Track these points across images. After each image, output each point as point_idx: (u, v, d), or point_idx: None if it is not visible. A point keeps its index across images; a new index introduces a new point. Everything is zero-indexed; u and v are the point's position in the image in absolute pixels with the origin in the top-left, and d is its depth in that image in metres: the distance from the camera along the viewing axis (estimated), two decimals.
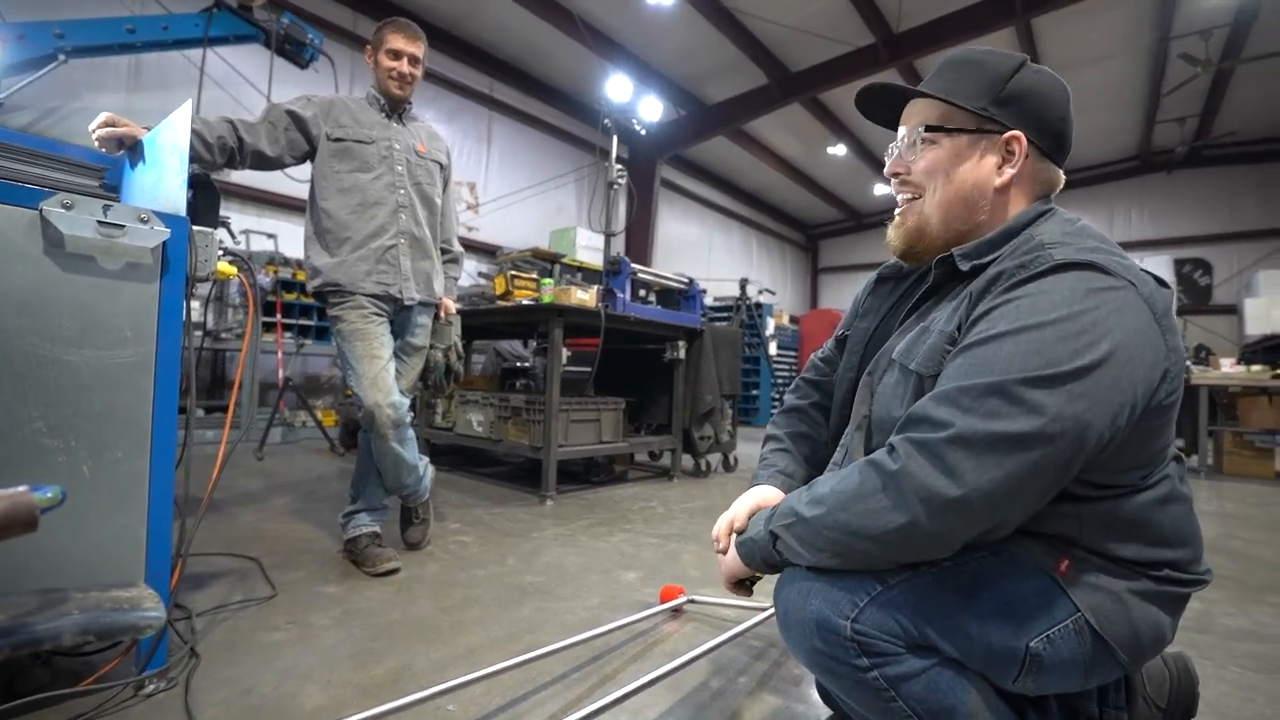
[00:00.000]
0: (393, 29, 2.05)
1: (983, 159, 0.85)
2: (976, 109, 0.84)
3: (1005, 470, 0.65)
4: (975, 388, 0.68)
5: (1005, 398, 0.67)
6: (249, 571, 1.88)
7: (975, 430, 0.66)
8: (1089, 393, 0.66)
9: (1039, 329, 0.68)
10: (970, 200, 0.85)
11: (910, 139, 0.88)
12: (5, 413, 1.03)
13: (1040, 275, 0.72)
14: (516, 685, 1.28)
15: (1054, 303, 0.69)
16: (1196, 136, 8.91)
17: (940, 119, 0.86)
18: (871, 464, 0.72)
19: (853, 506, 0.72)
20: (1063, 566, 0.75)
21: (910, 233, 0.90)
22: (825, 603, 0.76)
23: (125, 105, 1.53)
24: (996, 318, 0.72)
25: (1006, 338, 0.70)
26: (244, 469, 3.61)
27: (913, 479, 0.67)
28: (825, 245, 14.25)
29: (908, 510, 0.68)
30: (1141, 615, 0.75)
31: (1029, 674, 0.74)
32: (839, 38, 6.68)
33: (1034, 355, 0.67)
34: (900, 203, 0.92)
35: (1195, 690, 1.00)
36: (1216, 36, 6.51)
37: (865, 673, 0.74)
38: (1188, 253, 9.91)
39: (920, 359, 0.80)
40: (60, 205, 1.07)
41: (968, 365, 0.71)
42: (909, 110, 0.91)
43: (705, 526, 2.74)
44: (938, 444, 0.67)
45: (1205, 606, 1.91)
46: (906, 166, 0.89)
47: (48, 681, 1.17)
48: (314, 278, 1.99)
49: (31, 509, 0.34)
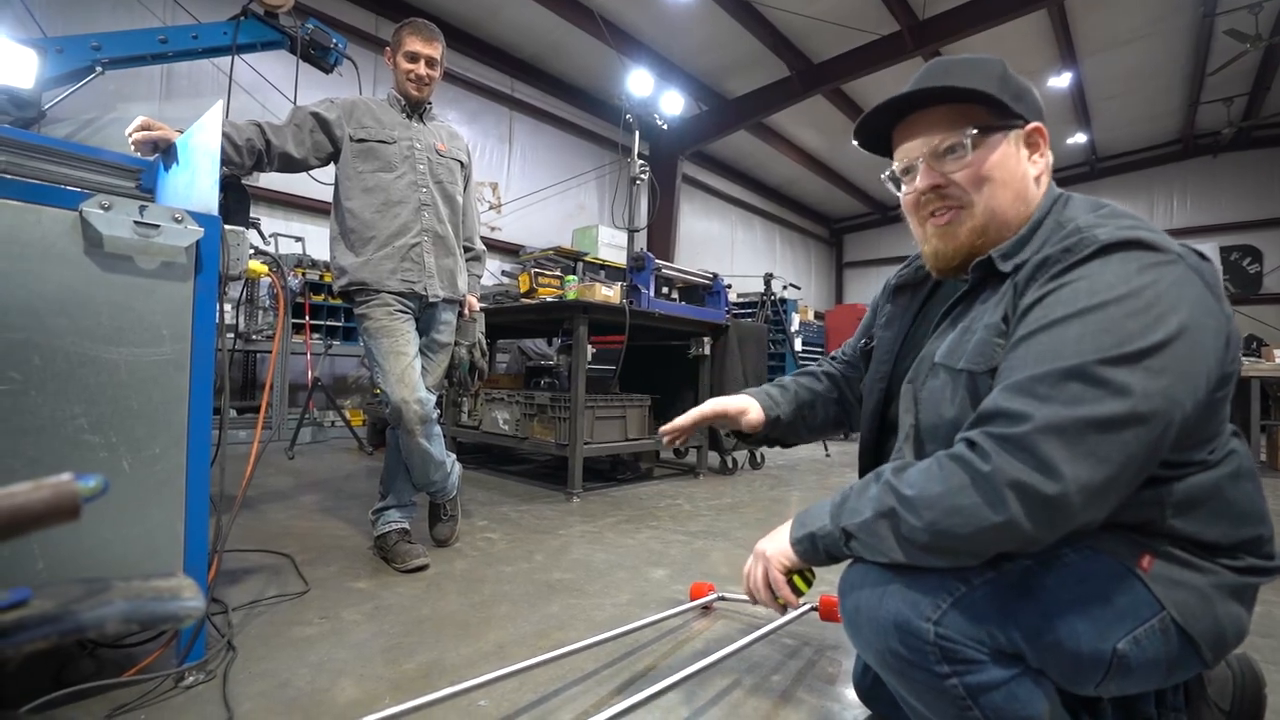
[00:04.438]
0: (410, 31, 2.06)
1: (1018, 151, 0.83)
2: (1008, 103, 0.81)
3: (1100, 458, 0.62)
4: (1050, 374, 0.65)
5: (1086, 381, 0.63)
6: (282, 567, 1.92)
7: (1061, 418, 0.63)
8: (1169, 368, 0.64)
9: (1103, 308, 0.66)
10: (1023, 194, 0.83)
11: (948, 144, 0.81)
12: (49, 410, 1.06)
13: (1089, 258, 0.69)
14: (548, 681, 1.27)
15: (1111, 282, 0.67)
16: (1245, 117, 8.54)
17: (977, 120, 0.81)
18: (956, 460, 0.67)
19: (940, 504, 0.67)
20: (1145, 562, 0.71)
21: (965, 245, 0.83)
22: (904, 603, 0.71)
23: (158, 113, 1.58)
24: (1052, 303, 0.69)
25: (1071, 320, 0.67)
26: (275, 467, 3.69)
27: (1005, 475, 0.63)
28: (850, 239, 14.03)
29: (1005, 509, 0.63)
30: (1225, 610, 0.72)
31: (1114, 677, 0.70)
32: (862, 26, 6.55)
33: (1104, 335, 0.64)
34: (935, 215, 0.85)
35: (1262, 693, 0.95)
36: (1268, 10, 6.19)
37: (944, 679, 0.70)
38: (1235, 239, 9.49)
39: (968, 356, 0.77)
40: (99, 206, 1.10)
41: (1033, 353, 0.68)
42: (921, 122, 0.85)
43: (733, 524, 2.71)
44: (1024, 437, 0.63)
45: (1267, 609, 1.81)
46: (945, 176, 0.82)
47: (93, 672, 1.20)
48: (340, 277, 2.02)
49: (75, 497, 0.33)
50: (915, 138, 0.85)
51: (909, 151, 0.86)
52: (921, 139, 0.84)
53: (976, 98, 0.81)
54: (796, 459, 5.00)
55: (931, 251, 0.88)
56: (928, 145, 0.83)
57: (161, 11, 4.71)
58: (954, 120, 0.82)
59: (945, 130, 0.82)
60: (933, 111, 0.84)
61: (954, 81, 0.81)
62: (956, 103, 0.82)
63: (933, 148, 0.83)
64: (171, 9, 4.62)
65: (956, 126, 0.81)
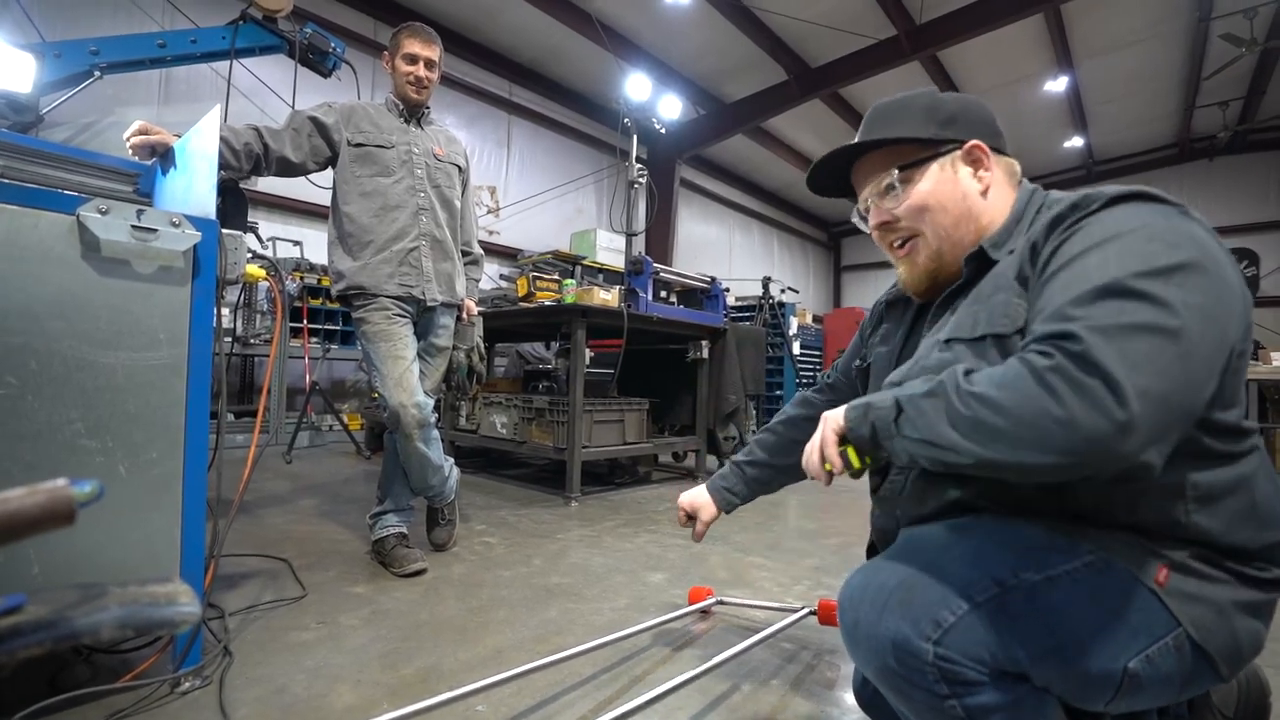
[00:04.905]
0: (408, 34, 2.06)
1: (957, 173, 0.87)
2: (930, 136, 0.87)
3: (1158, 369, 0.58)
4: (1082, 296, 0.63)
5: (1121, 294, 0.61)
6: (279, 572, 1.91)
7: (1108, 324, 0.60)
8: (1206, 288, 0.63)
9: (1120, 238, 0.67)
10: (968, 212, 0.87)
11: (884, 184, 0.89)
12: (46, 414, 1.06)
13: (1101, 208, 0.72)
14: (546, 686, 1.27)
15: (1124, 218, 0.69)
16: (1240, 121, 8.57)
17: (906, 157, 0.88)
18: (1016, 361, 0.64)
19: (998, 386, 0.62)
20: (1161, 576, 0.68)
21: (926, 270, 0.90)
22: (904, 620, 0.69)
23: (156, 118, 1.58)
24: (1070, 246, 0.70)
25: (1090, 252, 0.67)
26: (273, 472, 3.68)
27: (1066, 373, 0.59)
28: (848, 243, 14.05)
29: (1063, 404, 0.58)
30: (1242, 624, 0.69)
31: (1124, 695, 0.68)
32: (860, 31, 6.58)
33: (1129, 256, 0.64)
34: (897, 248, 0.92)
35: (1266, 700, 0.95)
36: (1262, 14, 6.22)
37: (943, 700, 0.68)
38: (1232, 243, 9.43)
39: (988, 320, 0.76)
40: (96, 210, 1.10)
41: (1059, 287, 0.67)
42: (863, 168, 0.93)
43: (731, 528, 2.71)
44: (1080, 351, 0.59)
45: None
46: (891, 214, 0.89)
47: (88, 678, 1.19)
48: (338, 281, 2.02)
49: (70, 503, 0.33)
50: (863, 183, 0.94)
51: (861, 196, 0.95)
52: (867, 184, 0.93)
53: (899, 142, 0.88)
54: None
55: (903, 277, 0.94)
56: (870, 188, 0.92)
57: (160, 16, 4.72)
58: (886, 162, 0.90)
59: (879, 173, 0.90)
60: (869, 157, 0.92)
61: (875, 134, 0.90)
62: (891, 145, 0.89)
63: (873, 189, 0.91)
64: (170, 13, 4.62)
65: (889, 167, 0.89)
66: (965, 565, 0.70)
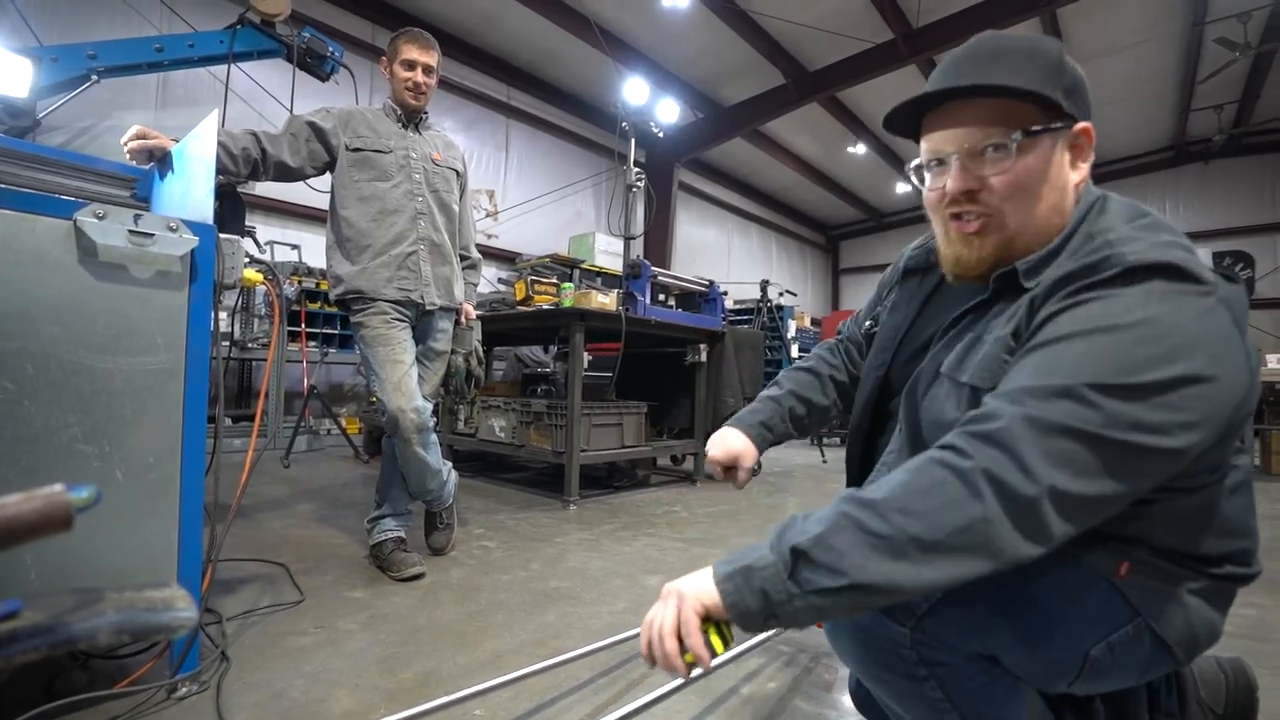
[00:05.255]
0: (406, 40, 2.07)
1: (1062, 157, 0.74)
2: (1058, 102, 0.71)
3: (1078, 469, 0.57)
4: (1041, 389, 0.59)
5: (1075, 400, 0.58)
6: (277, 577, 1.90)
7: (1038, 415, 0.58)
8: (1179, 408, 0.58)
9: (1111, 332, 0.60)
10: (1060, 206, 0.74)
11: (991, 144, 0.71)
12: (43, 419, 1.06)
13: (1110, 280, 0.63)
14: (544, 690, 1.26)
15: (1128, 305, 0.61)
16: (1235, 124, 8.62)
17: (1023, 120, 0.71)
18: (931, 460, 0.61)
19: (915, 500, 0.58)
20: (1122, 570, 0.71)
21: (988, 257, 0.75)
22: (881, 610, 0.72)
23: (154, 122, 1.58)
24: (1064, 321, 0.63)
25: (1076, 338, 0.61)
26: (271, 476, 3.67)
27: (982, 468, 0.57)
28: (846, 246, 14.09)
29: (982, 501, 0.56)
30: (1199, 615, 0.72)
31: (1085, 678, 0.71)
32: (857, 35, 6.61)
33: (1106, 358, 0.59)
34: (961, 220, 0.75)
35: (1254, 697, 0.96)
36: (1256, 18, 6.27)
37: (922, 683, 0.71)
38: (1227, 245, 9.55)
39: (973, 371, 0.72)
40: (93, 215, 1.10)
41: (1030, 368, 0.63)
42: (960, 113, 0.73)
43: (730, 531, 2.71)
44: (999, 432, 0.58)
45: (1261, 614, 1.82)
46: (980, 180, 0.72)
47: (85, 684, 1.19)
48: (336, 286, 2.02)
49: (67, 508, 0.33)
50: (950, 128, 0.74)
51: (941, 142, 0.75)
52: (959, 130, 0.73)
53: (1029, 97, 0.71)
54: (792, 465, 5.00)
55: (953, 256, 0.79)
56: (966, 140, 0.73)
57: (158, 20, 4.72)
58: (998, 116, 0.71)
59: (987, 126, 0.71)
60: (973, 103, 0.73)
61: (1004, 79, 0.71)
62: (1004, 96, 0.72)
63: (972, 144, 0.72)
64: (168, 17, 4.63)
65: (1000, 124, 0.71)
66: None
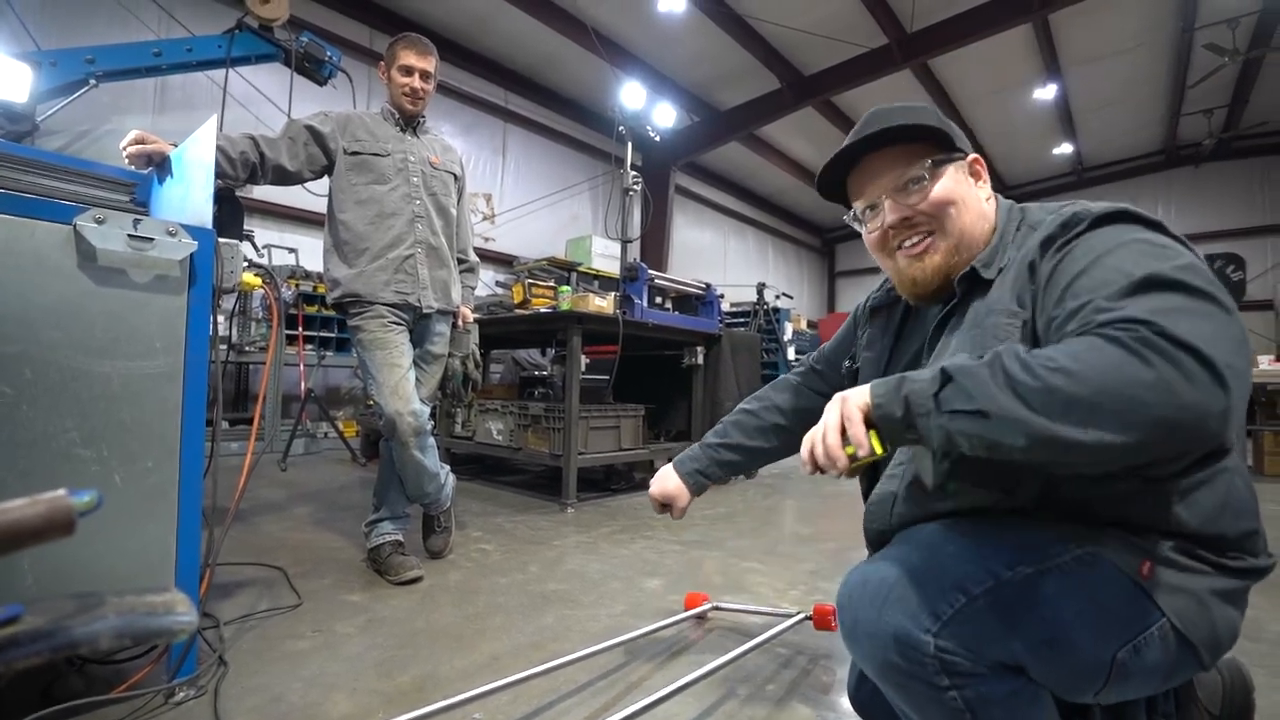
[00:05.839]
0: (404, 45, 2.08)
1: (967, 179, 0.89)
2: (951, 136, 0.87)
3: (1234, 344, 0.57)
4: (1120, 289, 0.62)
5: (1161, 286, 0.61)
6: (275, 580, 1.90)
7: (1166, 307, 0.58)
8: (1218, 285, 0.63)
9: (1124, 246, 0.68)
10: (982, 213, 0.88)
11: (909, 177, 0.86)
12: (41, 423, 1.06)
13: (1092, 226, 0.73)
14: (542, 693, 1.27)
15: (1120, 234, 0.71)
16: (1225, 128, 8.70)
17: (928, 155, 0.87)
18: (1091, 335, 0.61)
19: (1077, 358, 0.58)
20: (1145, 569, 0.70)
21: (938, 269, 0.87)
22: (904, 615, 0.70)
23: (152, 126, 1.58)
24: (1077, 258, 0.71)
25: (1105, 258, 0.68)
26: (268, 479, 3.66)
27: (1152, 343, 0.56)
28: (842, 249, 14.13)
29: (1152, 366, 0.55)
30: (1220, 613, 0.72)
31: (1112, 684, 0.70)
32: (852, 40, 6.65)
33: (1143, 258, 0.65)
34: (910, 247, 0.88)
35: (1250, 698, 0.97)
36: (1244, 25, 6.35)
37: (944, 692, 0.69)
38: (1218, 248, 9.63)
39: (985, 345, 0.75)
40: (93, 220, 1.10)
41: (1086, 287, 0.67)
42: (876, 164, 0.89)
43: (727, 533, 2.71)
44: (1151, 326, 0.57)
45: (1254, 614, 1.80)
46: (913, 208, 0.87)
47: (82, 689, 1.18)
48: (334, 289, 2.02)
49: (70, 513, 0.33)
50: (874, 179, 0.90)
51: (870, 191, 0.91)
52: (881, 178, 0.89)
53: (927, 134, 0.87)
54: (789, 468, 5.00)
55: (909, 280, 0.90)
56: (890, 182, 0.88)
57: (156, 25, 4.72)
58: (908, 158, 0.87)
59: (902, 168, 0.87)
60: (884, 154, 0.89)
61: (904, 120, 0.87)
62: (905, 143, 0.88)
63: (894, 182, 0.88)
64: (166, 22, 4.63)
65: (911, 163, 0.87)
66: (961, 560, 0.72)
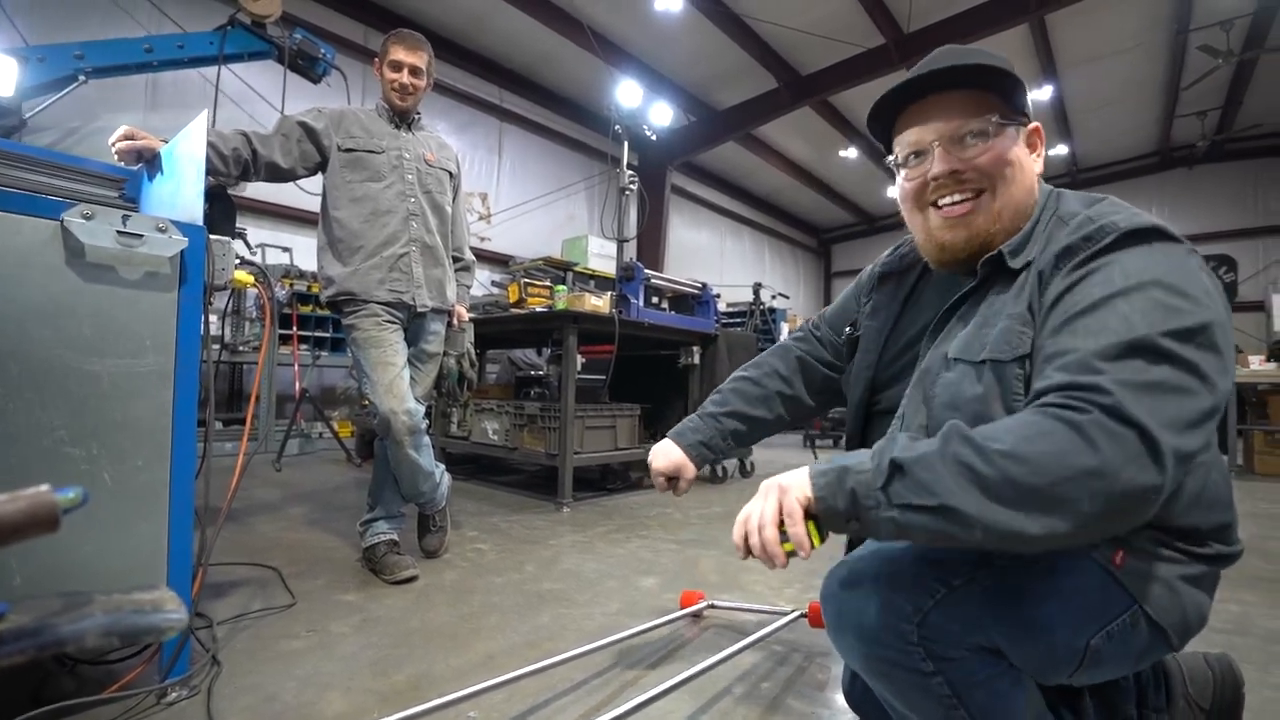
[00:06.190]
0: (395, 41, 2.07)
1: (1024, 148, 0.82)
2: (1019, 95, 0.81)
3: (1185, 425, 0.58)
4: (1110, 348, 0.61)
5: (1150, 353, 0.60)
6: (269, 580, 1.89)
7: (1135, 380, 0.59)
8: (1218, 348, 0.62)
9: (1143, 289, 0.64)
10: (1030, 188, 0.82)
11: (971, 128, 0.78)
12: (29, 421, 1.04)
13: (1113, 245, 0.69)
14: (537, 691, 1.26)
15: (1144, 265, 0.66)
16: (1219, 130, 8.74)
17: (994, 110, 0.79)
18: (1039, 411, 0.61)
19: (1022, 443, 0.58)
20: (1118, 559, 0.72)
21: (978, 234, 0.80)
22: (886, 606, 0.72)
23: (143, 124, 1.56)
24: (1088, 287, 0.67)
25: (1115, 300, 0.64)
26: (262, 479, 3.64)
27: (1100, 424, 0.57)
28: (838, 249, 14.16)
29: (1097, 452, 0.56)
30: (1190, 599, 0.74)
31: (1085, 668, 0.72)
32: (849, 40, 6.66)
33: (1155, 311, 0.62)
34: (944, 206, 0.81)
35: (1240, 692, 0.97)
36: (1238, 27, 6.39)
37: (929, 678, 0.71)
38: (1211, 249, 9.68)
39: (992, 347, 0.73)
40: (81, 216, 1.09)
41: (1082, 331, 0.64)
42: (939, 105, 0.80)
43: (723, 532, 2.71)
44: (1112, 405, 0.58)
45: (1243, 609, 1.84)
46: (969, 162, 0.79)
47: (73, 690, 1.17)
48: (328, 287, 2.01)
49: (53, 508, 0.32)
50: (928, 121, 0.81)
51: (920, 135, 0.82)
52: (938, 122, 0.80)
53: (1003, 82, 0.79)
54: (786, 465, 5.00)
55: (937, 244, 0.83)
56: (946, 129, 0.79)
57: (147, 21, 4.68)
58: (973, 106, 0.79)
59: (965, 115, 0.79)
60: (949, 96, 0.80)
61: (979, 60, 0.78)
62: (971, 90, 0.80)
63: (953, 131, 0.79)
64: (157, 18, 4.59)
65: (977, 112, 0.79)
66: (940, 552, 0.73)
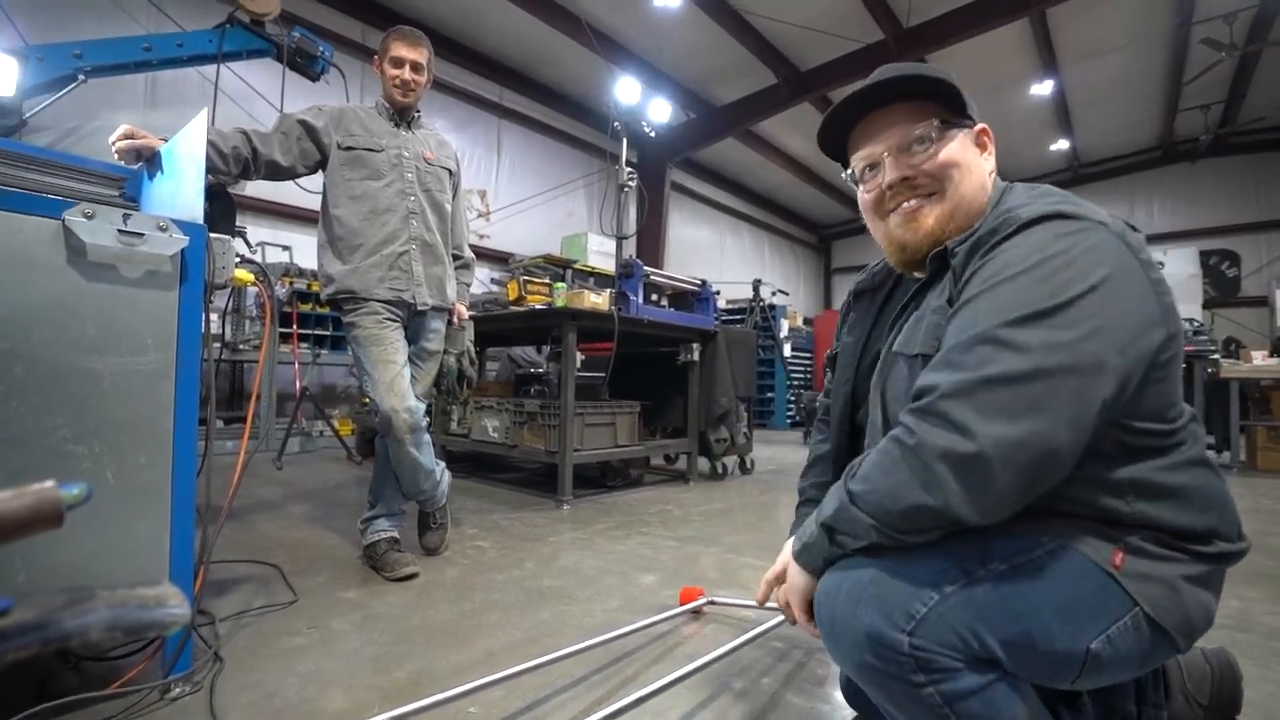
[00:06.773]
0: (395, 37, 2.07)
1: (973, 148, 0.86)
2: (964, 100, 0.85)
3: (1010, 414, 0.64)
4: (961, 344, 0.70)
5: (991, 344, 0.67)
6: (270, 578, 1.90)
7: (966, 379, 0.67)
8: (1079, 322, 0.66)
9: (1013, 279, 0.70)
10: (983, 185, 0.86)
11: (915, 135, 0.84)
12: (32, 420, 1.05)
13: (1010, 235, 0.73)
14: (537, 687, 1.27)
15: (1024, 253, 0.71)
16: (1221, 124, 8.70)
17: (941, 114, 0.84)
18: (890, 440, 0.72)
19: (879, 485, 0.71)
20: (1117, 560, 0.71)
21: (931, 233, 0.85)
22: (878, 614, 0.71)
23: (142, 122, 1.55)
24: (976, 281, 0.74)
25: (983, 295, 0.71)
26: (263, 478, 3.65)
27: (927, 445, 0.67)
28: (838, 246, 14.14)
29: (934, 480, 0.66)
30: (1193, 598, 0.73)
31: (1088, 673, 0.71)
32: (848, 35, 6.64)
33: (1011, 301, 0.68)
34: (905, 209, 0.86)
35: (1239, 688, 0.97)
36: (1241, 20, 6.35)
37: (921, 689, 0.70)
38: (1214, 244, 9.66)
39: (920, 342, 0.81)
40: (82, 215, 1.09)
41: (954, 329, 0.73)
42: (884, 120, 0.87)
43: (723, 529, 2.72)
44: (935, 404, 0.67)
45: (1245, 605, 1.84)
46: (916, 168, 0.84)
47: (77, 686, 1.18)
48: (328, 285, 2.01)
49: (58, 504, 0.33)
50: (876, 135, 0.87)
51: (872, 149, 0.88)
52: (885, 136, 0.86)
53: (940, 89, 0.85)
54: (785, 464, 5.01)
55: (898, 245, 0.88)
56: (894, 139, 0.86)
57: (146, 19, 4.68)
58: (915, 116, 0.85)
59: (908, 125, 0.85)
60: (892, 110, 0.86)
61: (914, 72, 0.84)
62: (914, 101, 0.86)
63: (899, 140, 0.85)
64: (156, 17, 4.59)
65: (919, 120, 0.84)
66: (934, 558, 0.73)
